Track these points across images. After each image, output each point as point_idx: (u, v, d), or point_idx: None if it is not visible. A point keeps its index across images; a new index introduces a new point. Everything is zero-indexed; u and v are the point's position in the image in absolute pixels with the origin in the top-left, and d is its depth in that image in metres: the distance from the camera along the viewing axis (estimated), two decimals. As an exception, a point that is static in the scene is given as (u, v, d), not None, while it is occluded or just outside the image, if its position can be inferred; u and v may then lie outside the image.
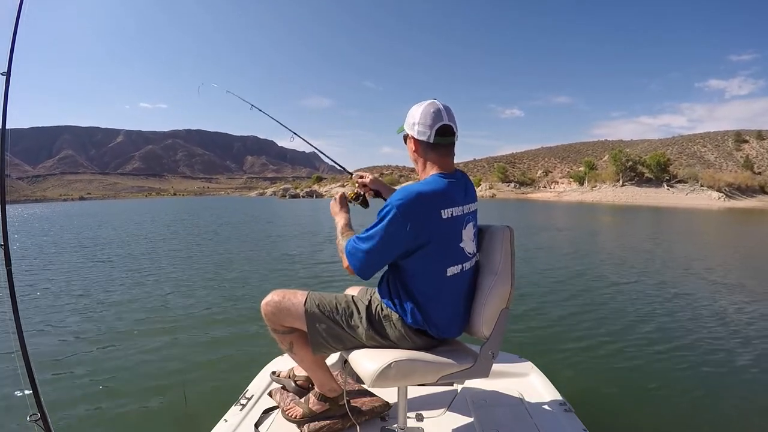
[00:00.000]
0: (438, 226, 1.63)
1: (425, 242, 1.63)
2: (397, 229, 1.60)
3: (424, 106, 1.73)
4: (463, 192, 1.76)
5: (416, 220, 1.60)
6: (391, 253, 1.66)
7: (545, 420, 2.04)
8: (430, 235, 1.63)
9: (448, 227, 1.67)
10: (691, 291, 6.93)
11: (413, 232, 1.60)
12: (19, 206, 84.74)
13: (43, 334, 4.74)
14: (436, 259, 1.68)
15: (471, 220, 1.79)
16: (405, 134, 1.83)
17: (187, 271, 8.70)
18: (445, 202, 1.65)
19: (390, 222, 1.60)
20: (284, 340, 1.86)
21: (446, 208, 1.65)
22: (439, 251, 1.67)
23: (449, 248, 1.70)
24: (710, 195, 54.02)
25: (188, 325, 5.10)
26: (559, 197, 64.86)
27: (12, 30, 1.79)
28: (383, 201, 1.89)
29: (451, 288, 1.73)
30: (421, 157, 1.78)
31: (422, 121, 1.72)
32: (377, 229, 1.63)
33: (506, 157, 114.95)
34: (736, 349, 4.40)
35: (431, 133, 1.70)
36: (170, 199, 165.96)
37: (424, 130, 1.71)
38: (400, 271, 1.73)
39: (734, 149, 79.93)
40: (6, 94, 1.79)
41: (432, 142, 1.72)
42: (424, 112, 1.72)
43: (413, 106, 1.77)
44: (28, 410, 1.81)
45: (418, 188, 1.63)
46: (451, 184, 1.71)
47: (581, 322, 5.26)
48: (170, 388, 3.49)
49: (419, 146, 1.77)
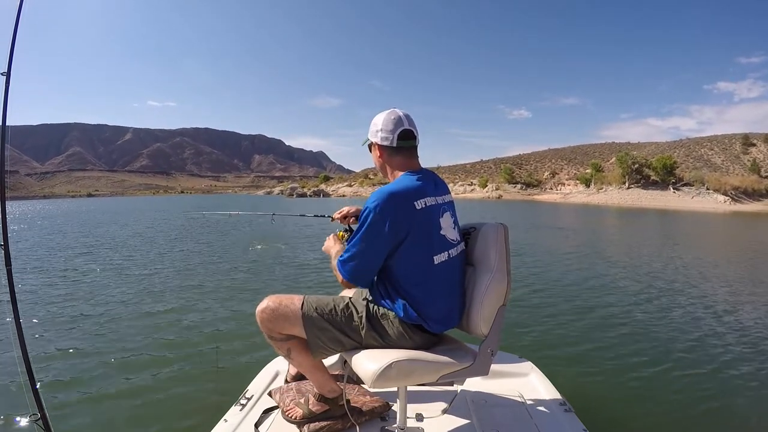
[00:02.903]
0: (414, 217, 1.70)
1: (405, 235, 1.70)
2: (377, 229, 1.68)
3: (385, 114, 1.86)
4: (433, 185, 1.84)
5: (393, 216, 1.68)
6: (378, 253, 1.73)
7: (545, 420, 2.05)
8: (408, 227, 1.69)
9: (424, 217, 1.73)
10: (692, 292, 6.90)
11: (392, 228, 1.68)
12: (27, 203, 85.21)
13: (44, 334, 4.73)
14: (421, 249, 1.73)
15: (447, 209, 1.85)
16: (369, 144, 1.93)
17: (187, 271, 8.72)
18: (417, 195, 1.73)
19: (369, 225, 1.69)
20: (281, 347, 1.85)
21: (419, 199, 1.73)
22: (421, 241, 1.73)
23: (430, 237, 1.75)
24: (716, 198, 53.76)
25: (188, 324, 5.09)
26: (566, 199, 64.80)
27: (12, 30, 1.80)
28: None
29: (442, 276, 1.77)
30: (386, 162, 1.89)
31: (384, 127, 1.84)
32: (359, 236, 1.73)
33: (513, 158, 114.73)
34: (737, 350, 4.38)
35: (394, 138, 1.82)
36: (177, 196, 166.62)
37: (387, 135, 1.83)
38: (389, 269, 1.77)
39: (741, 152, 79.34)
40: (6, 94, 1.79)
41: (395, 146, 1.83)
42: (385, 119, 1.84)
43: (376, 115, 1.89)
44: (28, 410, 1.82)
45: (389, 188, 1.74)
46: (419, 179, 1.80)
47: (581, 323, 5.24)
48: (170, 388, 3.49)
49: (384, 152, 1.88)
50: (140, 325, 5.05)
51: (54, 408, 2.98)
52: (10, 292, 1.83)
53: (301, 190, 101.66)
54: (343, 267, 1.79)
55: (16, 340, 1.83)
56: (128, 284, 7.32)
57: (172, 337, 4.66)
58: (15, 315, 1.81)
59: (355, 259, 1.75)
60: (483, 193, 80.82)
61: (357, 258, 1.74)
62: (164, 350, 4.28)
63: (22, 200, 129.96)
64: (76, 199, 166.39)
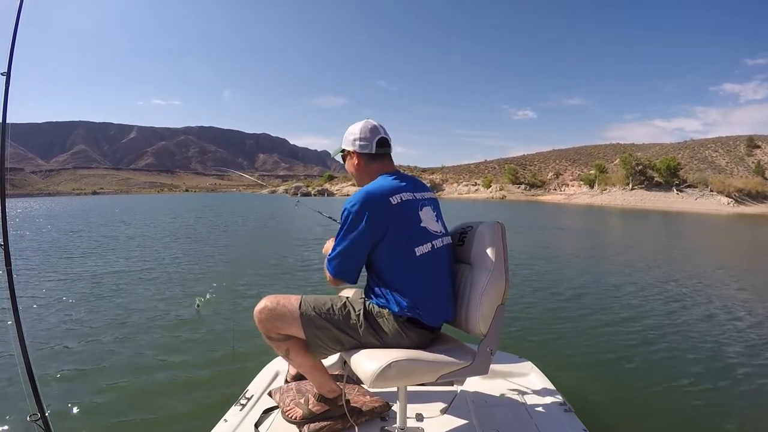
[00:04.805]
0: (390, 212, 1.75)
1: (384, 230, 1.74)
2: (355, 226, 1.74)
3: (361, 124, 1.94)
4: (411, 184, 1.90)
5: (370, 212, 1.73)
6: (360, 249, 1.78)
7: (545, 420, 2.05)
8: (386, 221, 1.74)
9: (401, 211, 1.78)
10: (692, 292, 6.90)
11: (370, 224, 1.73)
12: (32, 200, 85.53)
13: (44, 334, 4.74)
14: (401, 243, 1.77)
15: (427, 204, 1.89)
16: (343, 154, 2.00)
17: (187, 273, 8.74)
18: (391, 192, 1.79)
19: (349, 223, 1.76)
20: (280, 347, 1.85)
21: (394, 195, 1.78)
22: (400, 235, 1.77)
23: (410, 230, 1.79)
24: (720, 200, 53.39)
25: (188, 325, 5.11)
26: (569, 200, 64.64)
27: (12, 30, 1.80)
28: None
29: (427, 267, 1.79)
30: (363, 170, 1.95)
31: (363, 136, 1.92)
32: (341, 235, 1.79)
33: (517, 158, 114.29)
34: (738, 351, 4.38)
35: (372, 145, 1.91)
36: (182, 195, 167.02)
37: (365, 143, 1.91)
38: (374, 266, 1.83)
39: (746, 154, 78.82)
40: (6, 93, 1.79)
41: (374, 153, 1.91)
42: (363, 128, 1.93)
43: (349, 126, 1.97)
44: (28, 410, 1.82)
45: (365, 188, 1.81)
46: (395, 179, 1.87)
47: (581, 323, 5.25)
48: (170, 388, 3.50)
49: (362, 159, 1.94)
50: (141, 326, 5.05)
51: (54, 408, 2.99)
52: (11, 292, 1.84)
53: (306, 189, 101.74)
54: (329, 264, 1.83)
55: (16, 340, 1.83)
56: (130, 285, 7.35)
57: (172, 338, 4.67)
58: (15, 315, 1.82)
59: (338, 257, 1.80)
60: (487, 193, 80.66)
61: (340, 255, 1.79)
62: (164, 351, 4.29)
63: (27, 197, 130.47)
64: (81, 196, 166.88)
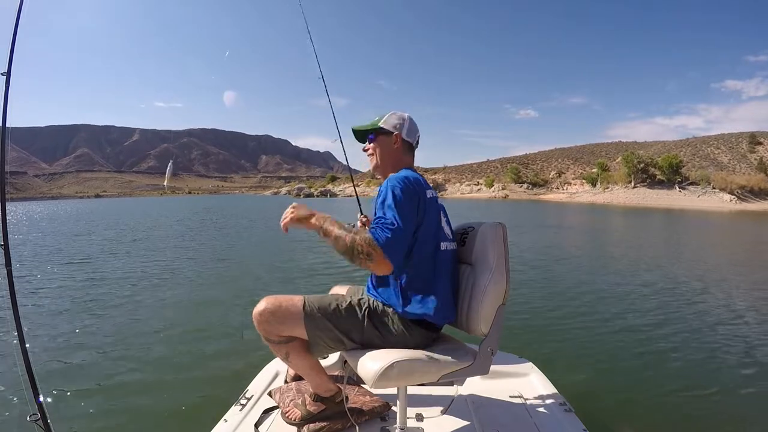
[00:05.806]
0: (426, 204, 1.74)
1: (422, 219, 1.72)
2: (408, 201, 1.67)
3: (407, 115, 1.95)
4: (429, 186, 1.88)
5: (415, 196, 1.70)
6: (411, 225, 1.67)
7: (545, 420, 2.04)
8: (425, 211, 1.73)
9: (432, 206, 1.78)
10: (693, 292, 6.85)
11: (417, 206, 1.70)
12: (35, 203, 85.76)
13: (44, 334, 4.74)
14: (430, 237, 1.77)
15: (442, 208, 1.89)
16: (377, 131, 1.94)
17: (188, 272, 8.75)
18: (425, 185, 1.80)
19: (401, 196, 1.66)
20: (280, 350, 1.81)
21: (427, 189, 1.79)
22: (430, 229, 1.77)
23: (437, 226, 1.80)
24: (722, 197, 53.32)
25: (188, 325, 5.10)
26: (572, 198, 64.61)
27: (12, 30, 1.80)
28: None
29: (444, 265, 1.80)
30: (398, 157, 1.93)
31: (410, 126, 1.94)
32: (392, 205, 1.64)
33: (520, 157, 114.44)
34: (739, 351, 4.35)
35: (416, 139, 1.96)
36: (185, 197, 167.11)
37: (411, 134, 1.94)
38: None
39: (748, 151, 78.78)
40: (6, 94, 1.80)
41: (414, 146, 1.96)
42: (409, 119, 1.94)
43: (389, 112, 1.95)
44: (28, 410, 1.82)
45: (404, 173, 1.77)
46: (420, 176, 1.83)
47: (582, 323, 5.21)
48: (170, 388, 3.49)
49: (403, 145, 1.93)
50: (141, 326, 5.04)
51: (54, 408, 3.01)
52: (11, 293, 1.84)
53: (308, 191, 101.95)
54: (382, 231, 1.58)
55: (16, 340, 1.84)
56: (130, 284, 7.34)
57: (172, 338, 4.66)
58: (15, 315, 1.82)
59: (394, 224, 1.60)
60: (489, 192, 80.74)
61: (395, 224, 1.60)
62: (165, 351, 4.28)
63: (30, 201, 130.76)
64: (84, 199, 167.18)
